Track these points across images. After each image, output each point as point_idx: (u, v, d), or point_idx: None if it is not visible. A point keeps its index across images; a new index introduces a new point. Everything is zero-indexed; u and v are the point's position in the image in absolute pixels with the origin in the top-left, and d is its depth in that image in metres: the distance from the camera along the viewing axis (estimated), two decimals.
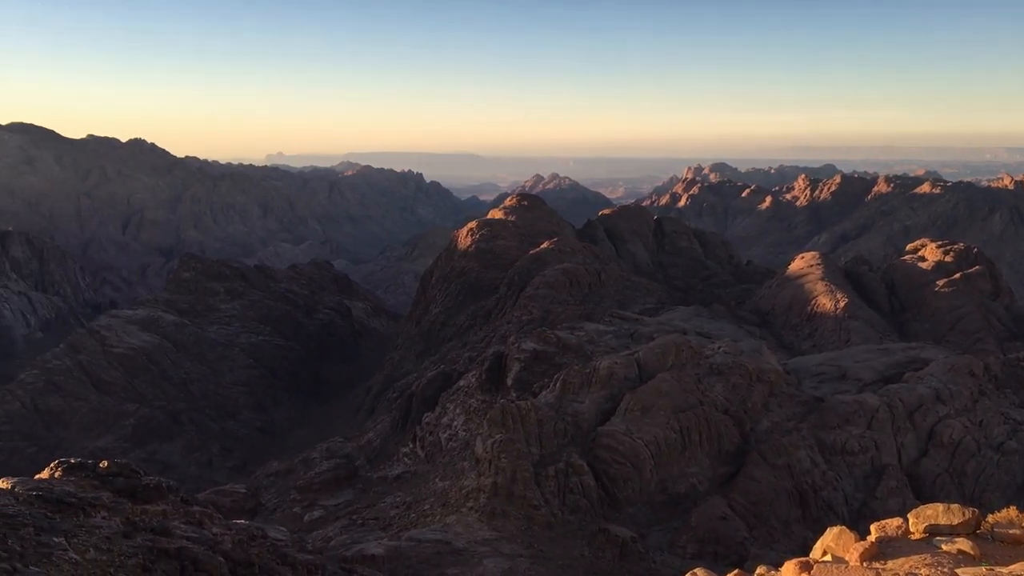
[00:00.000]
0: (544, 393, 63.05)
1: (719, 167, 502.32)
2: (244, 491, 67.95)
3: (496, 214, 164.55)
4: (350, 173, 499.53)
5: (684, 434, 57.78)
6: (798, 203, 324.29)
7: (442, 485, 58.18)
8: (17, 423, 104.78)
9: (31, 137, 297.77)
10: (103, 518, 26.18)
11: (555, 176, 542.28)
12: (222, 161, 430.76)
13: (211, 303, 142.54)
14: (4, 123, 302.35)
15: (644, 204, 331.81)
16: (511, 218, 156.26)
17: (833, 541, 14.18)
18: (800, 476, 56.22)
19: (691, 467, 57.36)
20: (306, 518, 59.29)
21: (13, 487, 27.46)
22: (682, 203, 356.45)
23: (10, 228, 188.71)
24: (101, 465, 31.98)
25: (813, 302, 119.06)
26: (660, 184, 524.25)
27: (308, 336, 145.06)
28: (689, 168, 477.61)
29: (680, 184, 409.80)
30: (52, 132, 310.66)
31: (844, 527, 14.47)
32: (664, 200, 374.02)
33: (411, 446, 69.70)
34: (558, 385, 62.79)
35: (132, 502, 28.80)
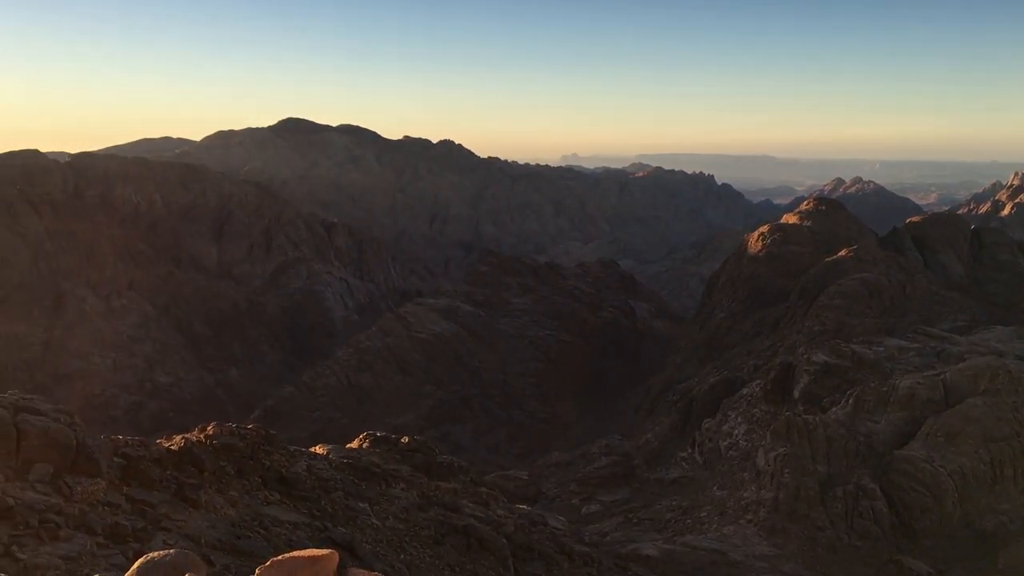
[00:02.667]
0: (834, 409, 59.70)
1: None
2: (526, 478, 70.72)
3: (790, 218, 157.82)
4: (641, 174, 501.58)
5: (995, 466, 52.18)
6: None
7: (720, 494, 57.00)
8: (333, 396, 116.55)
9: (356, 138, 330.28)
10: (402, 489, 28.46)
11: (857, 180, 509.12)
12: (521, 162, 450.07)
13: (504, 296, 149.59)
14: (334, 125, 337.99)
15: (960, 212, 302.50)
16: (806, 223, 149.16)
17: None
18: None
19: (1001, 503, 51.69)
20: (583, 510, 60.61)
21: (328, 454, 30.61)
22: (1005, 212, 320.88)
23: (335, 220, 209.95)
24: (402, 441, 34.78)
25: None
26: (980, 191, 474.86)
27: (592, 333, 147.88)
28: (1016, 173, 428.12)
29: (1004, 191, 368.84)
30: (374, 133, 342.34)
31: None
32: (984, 208, 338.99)
33: (689, 451, 68.96)
34: (851, 402, 59.16)
35: (427, 477, 31.02)
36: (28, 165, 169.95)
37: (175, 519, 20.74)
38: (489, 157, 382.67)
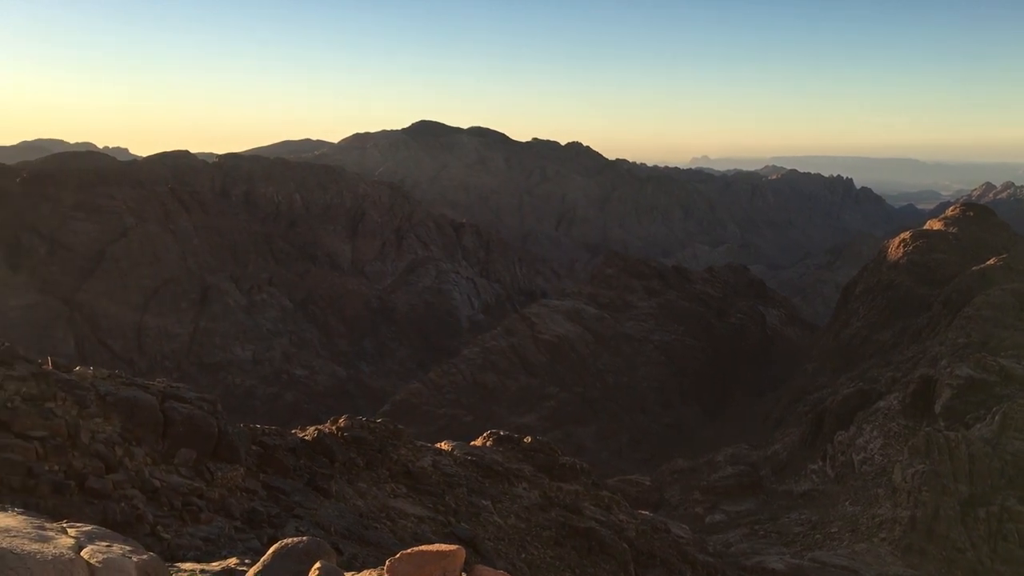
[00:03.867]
0: (979, 426, 56.44)
1: None
2: (649, 484, 69.96)
3: (934, 224, 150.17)
4: (774, 177, 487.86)
5: None
6: None
7: (852, 510, 54.80)
8: (459, 393, 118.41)
9: (486, 140, 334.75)
10: (524, 489, 28.61)
11: (1009, 184, 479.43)
12: (649, 164, 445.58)
13: (629, 300, 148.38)
14: (465, 127, 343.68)
15: None
16: (952, 229, 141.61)
17: None
18: None
19: None
20: (707, 520, 59.44)
21: (453, 450, 31.08)
22: None
23: (464, 220, 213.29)
24: (525, 440, 34.95)
25: None
26: None
27: (719, 339, 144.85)
28: None
29: None
30: (503, 135, 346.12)
31: None
32: None
33: (820, 464, 66.58)
34: (997, 419, 55.77)
35: (549, 478, 31.06)
36: (179, 165, 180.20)
37: (307, 507, 21.52)
38: (617, 159, 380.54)
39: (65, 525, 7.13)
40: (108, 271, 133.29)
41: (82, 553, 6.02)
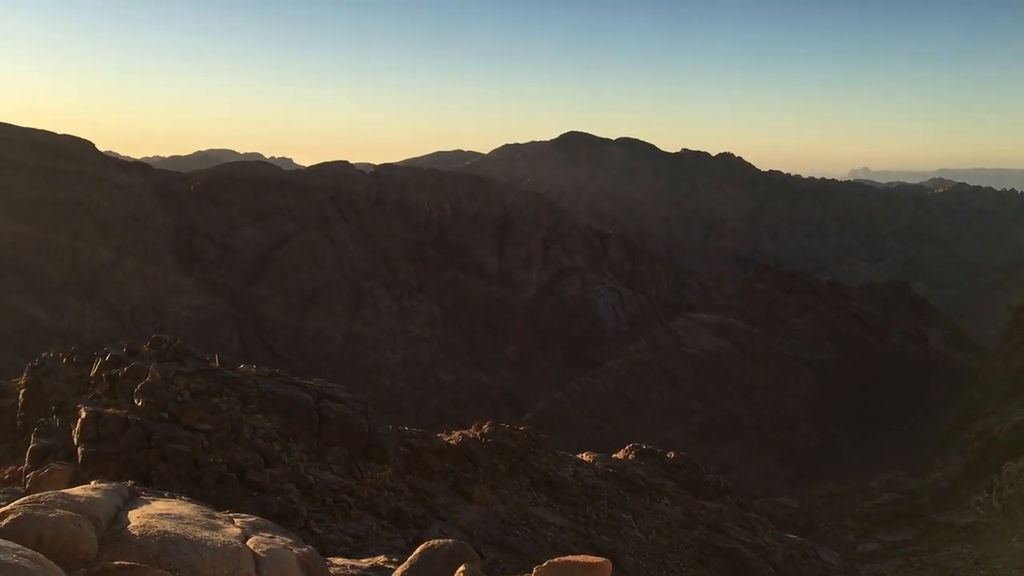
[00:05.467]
0: None
1: None
2: (797, 507, 67.44)
3: None
4: (941, 190, 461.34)
5: None
6: None
7: (1020, 546, 51.03)
8: (601, 405, 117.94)
9: (633, 151, 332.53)
10: (666, 505, 28.19)
11: None
12: (804, 175, 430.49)
13: (780, 315, 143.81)
14: (613, 138, 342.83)
15: None
16: None
17: None
18: None
19: None
20: (859, 548, 56.73)
21: (594, 461, 30.97)
22: None
23: (610, 231, 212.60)
24: (668, 455, 34.45)
25: None
26: None
27: (876, 359, 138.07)
28: None
29: None
30: (651, 146, 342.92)
31: None
32: None
33: (986, 495, 62.29)
34: None
35: (693, 495, 30.50)
36: (338, 175, 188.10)
37: (451, 510, 21.97)
38: (770, 170, 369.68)
39: (231, 515, 7.56)
40: (271, 274, 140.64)
41: (247, 543, 6.38)
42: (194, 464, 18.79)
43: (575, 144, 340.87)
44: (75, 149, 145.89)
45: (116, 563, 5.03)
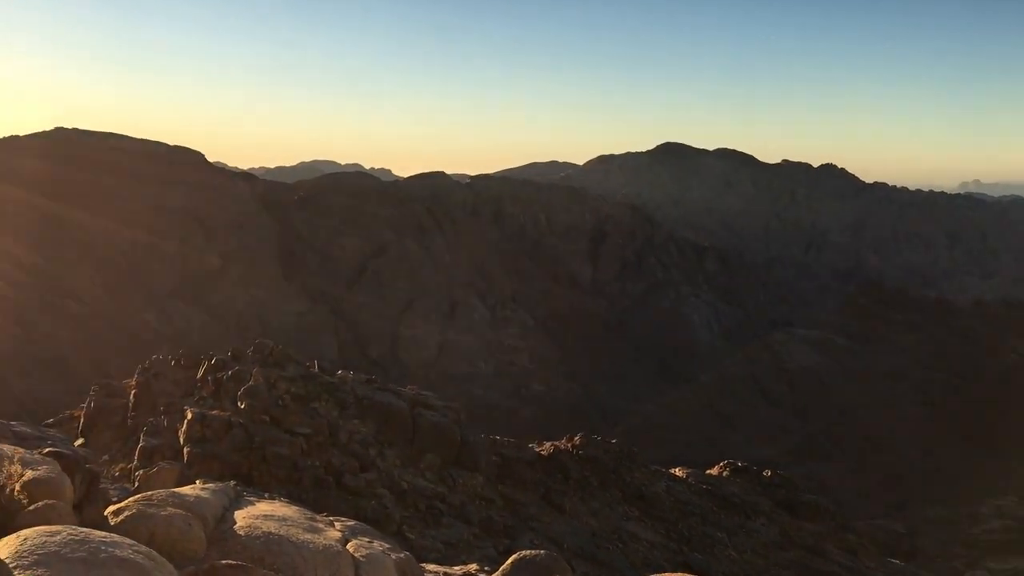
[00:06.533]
0: None
1: None
2: (902, 531, 64.96)
3: None
4: None
5: None
6: None
7: None
8: (694, 419, 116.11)
9: (732, 162, 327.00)
10: (762, 524, 27.55)
11: None
12: (911, 188, 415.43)
13: (883, 332, 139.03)
14: (711, 149, 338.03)
15: None
16: None
17: None
18: None
19: None
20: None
21: (687, 477, 30.53)
22: None
23: (706, 244, 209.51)
24: (765, 474, 33.68)
25: None
26: None
27: (988, 380, 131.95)
28: None
29: None
30: (750, 157, 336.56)
31: None
32: None
33: None
34: None
35: (790, 515, 29.74)
36: (435, 185, 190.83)
37: (542, 520, 21.98)
38: (875, 183, 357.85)
39: (332, 519, 7.76)
40: (369, 283, 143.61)
41: (347, 547, 6.54)
42: (293, 467, 19.32)
43: (671, 155, 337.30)
44: (186, 160, 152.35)
45: (223, 562, 5.22)
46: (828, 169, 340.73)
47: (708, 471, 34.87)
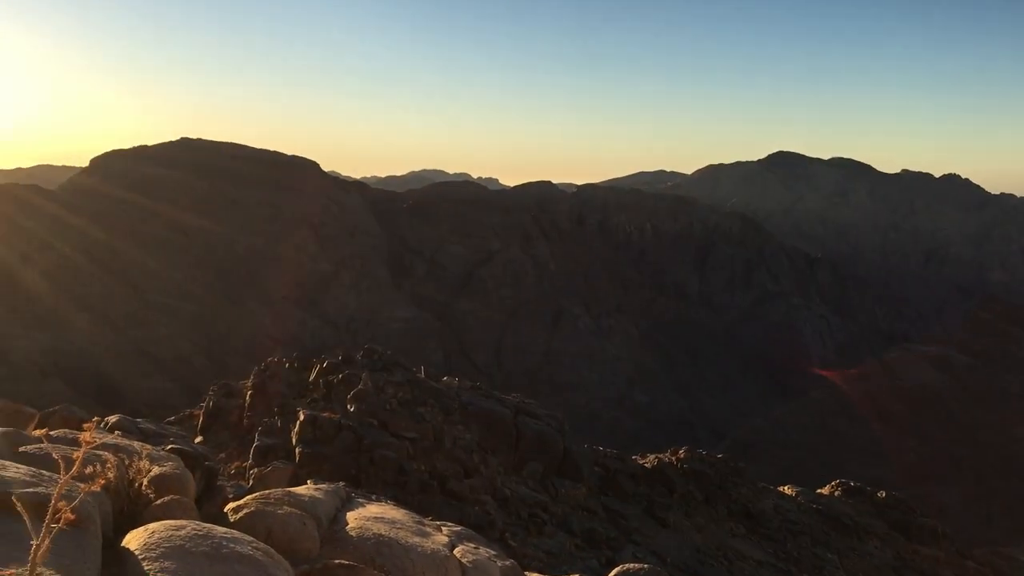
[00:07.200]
0: None
1: None
2: None
3: None
4: None
5: None
6: None
7: None
8: (804, 436, 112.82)
9: (847, 172, 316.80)
10: (875, 547, 26.57)
11: None
12: None
13: (1011, 350, 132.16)
14: (825, 158, 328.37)
15: None
16: None
17: None
18: None
19: None
20: None
21: (796, 496, 29.68)
22: None
23: (819, 255, 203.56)
24: (879, 494, 32.47)
25: None
26: None
27: None
28: None
29: None
30: (867, 167, 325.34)
31: None
32: None
33: None
34: None
35: (905, 539, 28.61)
36: (541, 195, 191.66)
37: (645, 534, 21.74)
38: (1001, 193, 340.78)
39: (439, 523, 7.90)
40: (475, 290, 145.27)
41: (454, 551, 6.65)
42: (399, 470, 19.68)
43: (784, 164, 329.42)
44: (302, 169, 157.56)
45: (336, 561, 5.39)
46: (951, 179, 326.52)
47: (818, 490, 33.85)
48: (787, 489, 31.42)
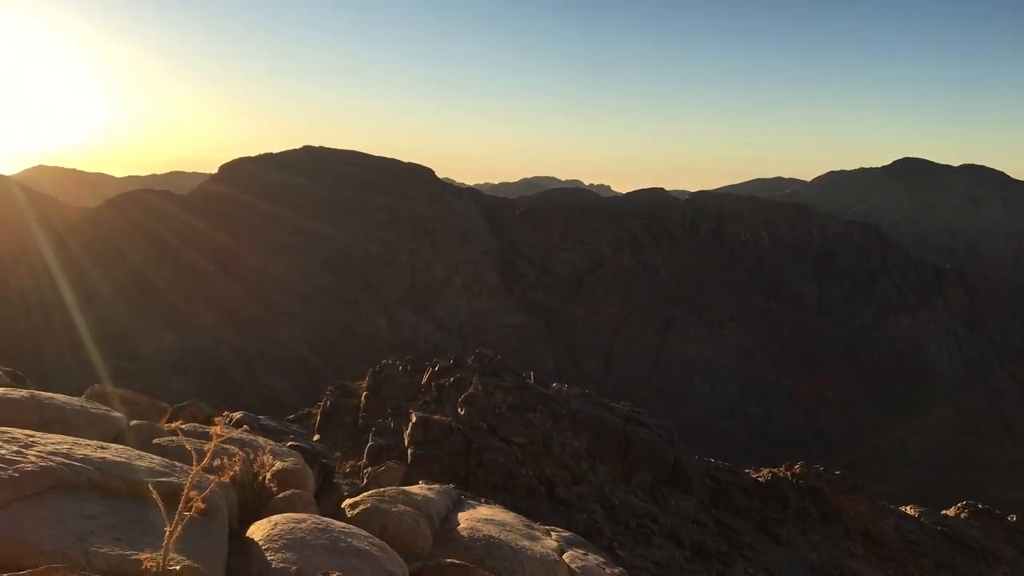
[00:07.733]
0: None
1: None
2: None
3: None
4: None
5: None
6: None
7: None
8: (928, 455, 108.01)
9: (979, 179, 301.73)
10: (1004, 574, 25.27)
11: None
12: None
13: None
14: (955, 164, 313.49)
15: None
16: None
17: None
18: None
19: None
20: None
21: (919, 516, 28.48)
22: None
23: (947, 266, 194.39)
24: (1010, 518, 30.86)
25: None
26: None
27: None
28: None
29: None
30: (1001, 174, 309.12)
31: None
32: None
33: None
34: None
35: None
36: (653, 201, 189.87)
37: (757, 549, 21.25)
38: None
39: (548, 528, 7.95)
40: (585, 297, 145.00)
41: (564, 557, 6.70)
42: (508, 474, 19.85)
43: (910, 171, 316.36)
44: (418, 175, 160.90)
45: (448, 560, 5.52)
46: None
47: (943, 511, 32.36)
48: (909, 509, 30.17)
